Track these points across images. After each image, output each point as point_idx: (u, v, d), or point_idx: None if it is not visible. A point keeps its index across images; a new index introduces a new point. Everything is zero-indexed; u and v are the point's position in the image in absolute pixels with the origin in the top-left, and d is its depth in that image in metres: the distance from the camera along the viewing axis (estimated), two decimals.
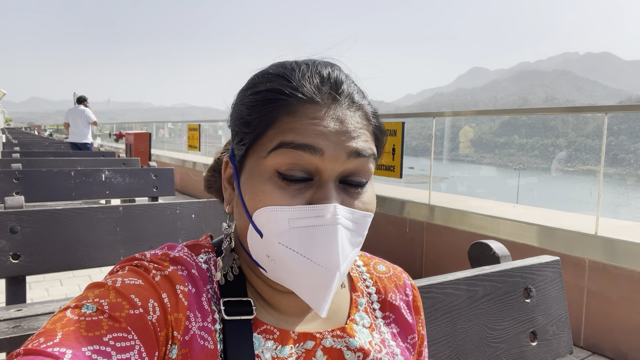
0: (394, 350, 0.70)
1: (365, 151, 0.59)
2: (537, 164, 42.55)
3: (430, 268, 4.10)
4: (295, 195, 0.57)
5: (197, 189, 8.99)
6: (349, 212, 0.58)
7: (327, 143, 0.57)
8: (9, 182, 3.28)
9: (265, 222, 0.58)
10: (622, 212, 10.67)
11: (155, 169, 3.87)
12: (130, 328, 0.51)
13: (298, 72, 0.60)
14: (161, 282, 0.57)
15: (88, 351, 0.47)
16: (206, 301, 0.60)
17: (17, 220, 1.93)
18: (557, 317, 1.35)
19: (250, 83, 0.64)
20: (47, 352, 0.46)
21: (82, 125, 8.58)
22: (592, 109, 3.61)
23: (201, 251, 0.66)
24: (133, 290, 0.55)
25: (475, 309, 1.19)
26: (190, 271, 0.61)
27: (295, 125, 0.57)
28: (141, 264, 0.60)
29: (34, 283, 3.85)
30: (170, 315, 0.56)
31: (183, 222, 2.31)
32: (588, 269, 3.00)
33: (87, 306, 0.52)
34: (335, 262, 0.55)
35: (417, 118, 5.67)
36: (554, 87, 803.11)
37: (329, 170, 0.58)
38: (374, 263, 0.78)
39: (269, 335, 0.62)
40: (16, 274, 1.93)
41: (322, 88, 0.59)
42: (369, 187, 0.63)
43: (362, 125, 0.61)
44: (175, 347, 0.55)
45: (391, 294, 0.75)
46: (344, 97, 0.60)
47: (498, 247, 1.40)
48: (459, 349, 1.15)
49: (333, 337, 0.66)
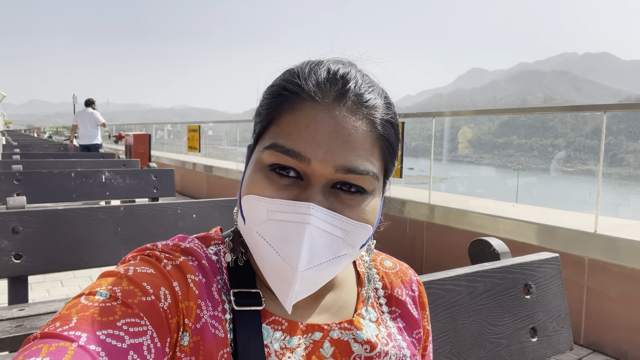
0: (400, 343, 0.70)
1: (357, 169, 0.57)
2: (536, 164, 42.61)
3: (431, 267, 4.11)
4: (281, 190, 0.58)
5: (197, 190, 9.00)
6: (331, 215, 0.57)
7: (316, 152, 0.56)
8: (10, 183, 3.29)
9: (248, 209, 0.60)
10: (620, 211, 10.70)
11: (156, 169, 3.88)
12: (143, 314, 0.52)
13: (306, 70, 0.60)
14: (172, 271, 0.58)
15: (102, 335, 0.48)
16: (216, 291, 0.61)
17: (19, 221, 1.94)
18: (557, 313, 1.36)
19: (279, 76, 0.65)
20: (63, 335, 0.47)
21: (91, 127, 8.80)
22: (591, 107, 3.62)
23: (211, 243, 0.67)
24: (145, 278, 0.56)
25: (475, 305, 1.20)
26: (200, 262, 0.62)
27: (290, 128, 0.58)
28: (153, 254, 0.61)
29: (35, 284, 3.85)
30: (182, 303, 0.56)
31: (184, 222, 2.32)
32: (588, 267, 3.01)
33: (100, 293, 0.53)
34: (296, 260, 0.55)
35: (417, 119, 5.68)
36: (552, 87, 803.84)
37: (317, 177, 0.57)
38: (380, 259, 0.79)
39: (278, 326, 0.63)
40: (18, 274, 1.94)
41: (325, 86, 0.58)
42: (371, 200, 0.60)
43: (363, 133, 0.58)
44: (186, 334, 0.56)
45: (397, 290, 0.75)
46: (348, 97, 0.58)
47: (498, 244, 1.41)
48: (459, 344, 1.16)
49: (340, 329, 0.66)
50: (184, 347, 0.56)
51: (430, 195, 4.31)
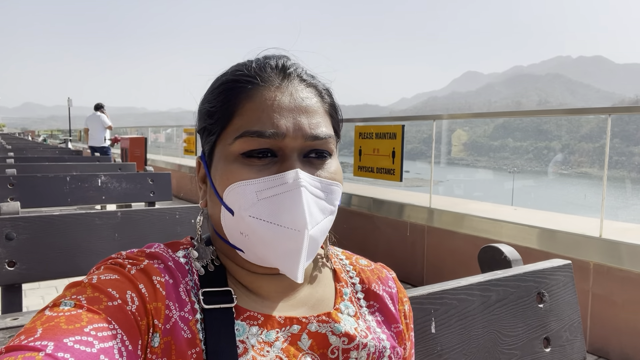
0: (380, 336, 0.71)
1: (321, 135, 0.64)
2: (531, 166, 42.73)
3: (432, 271, 4.07)
4: (261, 170, 0.62)
5: (194, 194, 8.94)
6: (314, 179, 0.63)
7: (287, 125, 0.62)
8: (4, 187, 3.23)
9: (234, 199, 0.61)
10: (620, 215, 10.71)
11: (152, 173, 3.83)
12: (111, 318, 0.52)
13: (249, 64, 0.67)
14: (137, 275, 0.59)
15: (70, 342, 0.48)
16: (184, 292, 0.62)
17: (13, 227, 1.88)
18: (570, 322, 1.32)
19: (211, 84, 0.70)
20: (28, 346, 0.47)
21: (99, 129, 9.27)
22: (595, 110, 3.60)
23: (180, 248, 0.69)
24: (110, 284, 0.56)
25: (489, 314, 1.16)
26: (166, 264, 0.63)
27: (256, 113, 0.63)
28: (116, 262, 0.62)
29: (29, 290, 3.79)
30: (149, 304, 0.57)
31: (183, 227, 2.27)
32: (593, 272, 2.98)
33: (65, 303, 0.53)
34: (303, 222, 0.59)
35: (412, 121, 5.66)
36: (547, 90, 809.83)
37: (290, 149, 0.63)
38: (355, 258, 0.82)
39: (253, 321, 0.64)
40: (12, 281, 1.88)
41: (273, 72, 0.66)
42: (333, 161, 0.67)
43: (315, 103, 0.66)
44: (157, 335, 0.57)
45: (374, 285, 0.77)
46: (293, 77, 0.67)
47: (509, 251, 1.37)
48: (473, 356, 1.12)
49: (318, 322, 0.67)
50: (154, 349, 0.56)
51: (431, 198, 4.27)
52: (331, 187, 0.65)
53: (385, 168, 4.12)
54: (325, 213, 0.64)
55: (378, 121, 4.97)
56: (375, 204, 4.63)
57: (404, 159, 4.11)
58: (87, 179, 3.54)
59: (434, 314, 1.06)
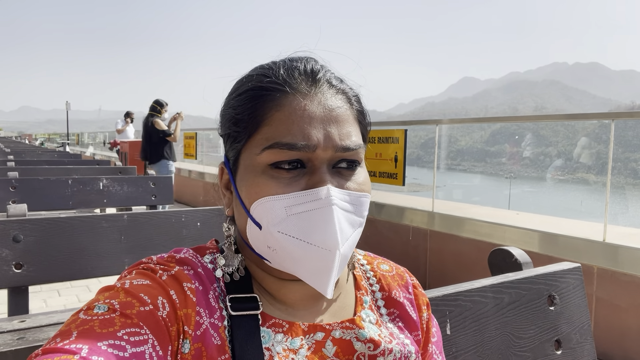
0: (404, 341, 0.71)
1: (351, 146, 0.62)
2: (528, 172, 42.84)
3: (435, 275, 4.07)
4: (290, 184, 0.60)
5: (193, 197, 8.92)
6: (344, 193, 0.61)
7: (318, 136, 0.60)
8: (6, 190, 3.22)
9: (262, 213, 0.60)
10: (620, 220, 10.73)
11: (154, 177, 3.83)
12: (142, 323, 0.53)
13: (276, 69, 0.64)
14: (168, 281, 0.60)
15: (104, 346, 0.49)
16: (213, 298, 0.62)
17: (20, 229, 1.88)
18: (580, 325, 1.33)
19: (234, 87, 0.68)
20: (64, 349, 0.48)
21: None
22: (599, 115, 3.62)
23: (206, 252, 0.68)
24: (142, 290, 0.57)
25: (502, 317, 1.16)
26: (196, 270, 0.63)
27: (286, 124, 0.60)
28: (148, 267, 0.62)
29: (31, 293, 3.76)
30: (180, 311, 0.57)
31: (189, 230, 2.27)
32: (597, 277, 2.98)
33: (98, 307, 0.54)
34: (334, 242, 0.57)
35: (409, 126, 5.66)
36: (543, 96, 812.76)
37: (320, 159, 0.61)
38: (377, 262, 0.80)
39: (278, 328, 0.63)
40: (19, 284, 1.88)
41: (301, 77, 0.63)
42: (362, 170, 0.65)
43: (345, 111, 0.64)
44: (187, 341, 0.57)
45: (395, 292, 0.76)
46: (322, 83, 0.64)
47: (520, 254, 1.38)
48: (487, 358, 1.12)
49: (342, 329, 0.67)
50: (185, 355, 0.57)
51: (434, 203, 4.28)
52: (360, 199, 0.63)
53: (388, 172, 4.13)
54: (355, 226, 0.62)
55: (379, 126, 4.99)
56: (377, 207, 4.63)
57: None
58: (89, 182, 3.54)
59: (449, 315, 1.06)
